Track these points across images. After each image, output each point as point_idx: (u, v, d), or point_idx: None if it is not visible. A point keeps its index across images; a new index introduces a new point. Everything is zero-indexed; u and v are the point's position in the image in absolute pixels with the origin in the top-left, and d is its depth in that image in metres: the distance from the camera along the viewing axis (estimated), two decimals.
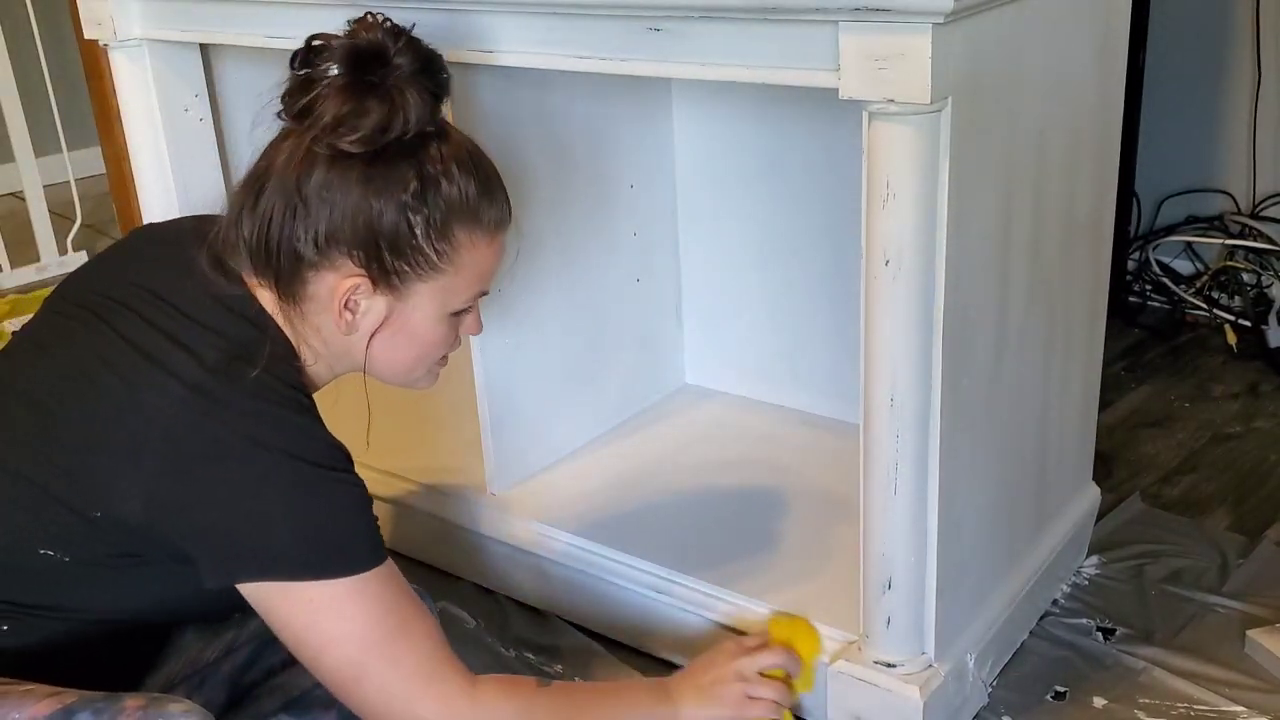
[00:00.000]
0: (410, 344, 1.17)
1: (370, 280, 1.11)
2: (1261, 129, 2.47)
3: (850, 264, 1.36)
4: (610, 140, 1.77)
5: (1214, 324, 2.48)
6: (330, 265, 1.10)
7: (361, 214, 1.08)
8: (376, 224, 1.09)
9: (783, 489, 1.70)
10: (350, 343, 1.16)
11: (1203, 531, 1.78)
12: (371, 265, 1.10)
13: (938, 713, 1.34)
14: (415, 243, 1.10)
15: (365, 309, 1.13)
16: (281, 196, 1.10)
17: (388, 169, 1.08)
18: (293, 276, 1.12)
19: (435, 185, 1.10)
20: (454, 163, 1.11)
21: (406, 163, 1.09)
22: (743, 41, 1.16)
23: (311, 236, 1.09)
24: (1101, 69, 1.43)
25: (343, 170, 1.08)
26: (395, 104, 1.07)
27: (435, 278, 1.13)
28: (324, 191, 1.08)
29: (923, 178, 1.12)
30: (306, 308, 1.13)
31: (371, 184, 1.08)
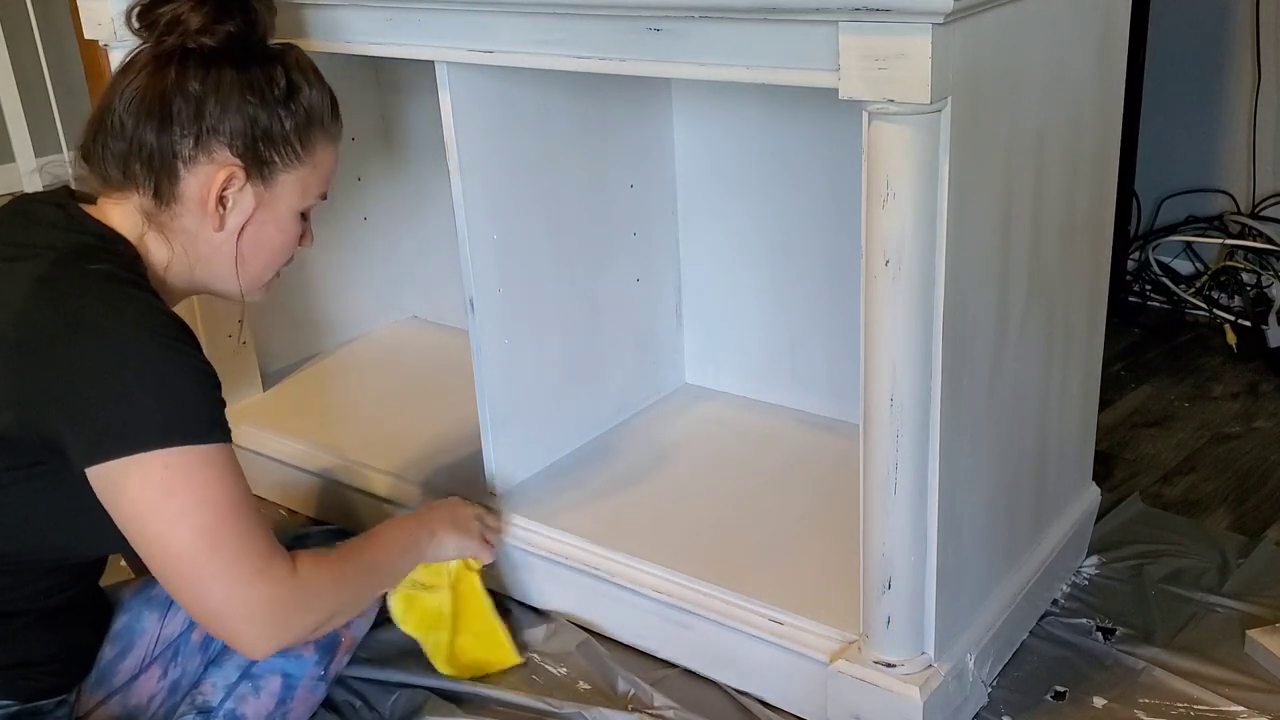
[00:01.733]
0: (271, 237, 1.28)
1: (245, 170, 1.23)
2: (1261, 129, 2.47)
3: (850, 264, 1.36)
4: (610, 140, 1.77)
5: (1214, 324, 2.48)
6: (208, 158, 1.21)
7: (239, 109, 1.21)
8: (253, 116, 1.22)
9: (783, 489, 1.70)
10: (213, 244, 1.25)
11: (1203, 531, 1.78)
12: (248, 154, 1.22)
13: (938, 713, 1.34)
14: (285, 134, 1.24)
15: (235, 203, 1.24)
16: (152, 104, 1.20)
17: (259, 70, 1.23)
18: (163, 180, 1.21)
19: (300, 88, 1.26)
20: (311, 72, 1.29)
21: (274, 66, 1.25)
22: (743, 41, 1.16)
23: (192, 132, 1.21)
24: (1101, 69, 1.43)
25: (217, 71, 1.21)
26: (252, 12, 1.23)
27: (298, 168, 1.27)
28: (200, 91, 1.20)
29: (923, 178, 1.12)
30: (175, 208, 1.23)
31: (247, 83, 1.22)
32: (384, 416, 1.99)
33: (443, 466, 1.80)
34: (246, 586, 1.15)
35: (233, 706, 1.34)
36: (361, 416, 2.00)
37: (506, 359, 1.68)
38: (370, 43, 1.50)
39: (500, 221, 1.62)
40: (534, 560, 1.63)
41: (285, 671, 1.37)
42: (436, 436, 1.90)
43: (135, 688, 1.34)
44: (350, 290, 2.29)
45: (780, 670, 1.43)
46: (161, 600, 1.37)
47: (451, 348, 2.19)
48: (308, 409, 2.04)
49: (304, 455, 1.90)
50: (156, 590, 1.37)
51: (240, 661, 1.36)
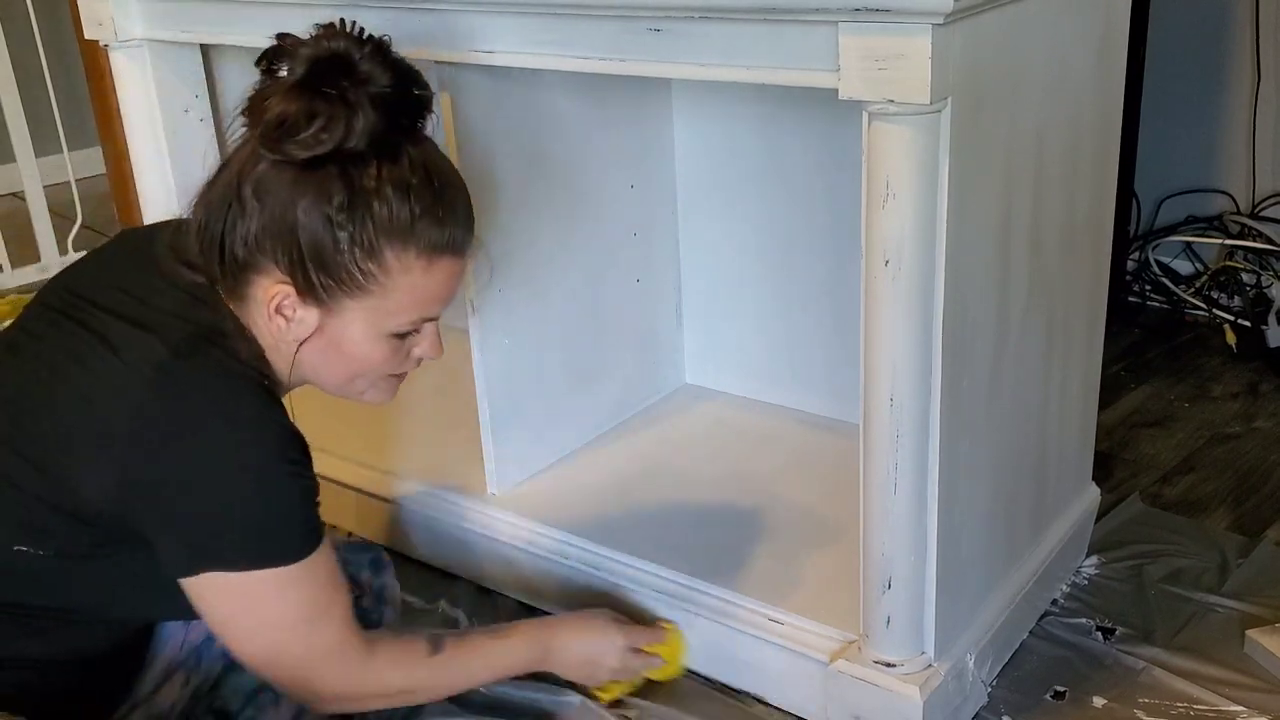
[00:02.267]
0: (342, 360, 1.14)
1: (295, 289, 1.08)
2: (1261, 129, 2.47)
3: (850, 264, 1.36)
4: (610, 140, 1.77)
5: (1214, 324, 2.48)
6: (262, 269, 1.09)
7: (286, 220, 1.06)
8: (300, 233, 1.06)
9: (782, 489, 1.70)
10: (288, 351, 1.14)
11: (1202, 531, 1.78)
12: (296, 275, 1.08)
13: (938, 712, 1.34)
14: (340, 259, 1.07)
15: (298, 318, 1.10)
16: (223, 191, 1.09)
17: (319, 178, 1.05)
18: (231, 276, 1.11)
19: (365, 201, 1.05)
20: (391, 182, 1.07)
21: (339, 174, 1.05)
22: (743, 41, 1.16)
23: (244, 236, 1.08)
24: (1101, 69, 1.43)
25: (278, 173, 1.05)
26: (341, 113, 1.04)
27: (363, 297, 1.09)
28: (258, 192, 1.06)
29: (923, 178, 1.12)
30: (249, 307, 1.12)
31: (299, 191, 1.05)
32: (384, 416, 1.98)
33: (443, 466, 1.80)
34: (308, 684, 1.18)
35: (252, 714, 1.33)
36: (361, 416, 2.00)
37: (506, 359, 1.68)
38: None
39: (500, 222, 1.62)
40: (533, 560, 1.63)
41: None
42: (436, 436, 1.90)
43: (158, 697, 1.31)
44: None
45: (780, 670, 1.43)
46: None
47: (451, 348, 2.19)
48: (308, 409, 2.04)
49: None
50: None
51: None
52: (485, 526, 1.68)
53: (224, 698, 1.34)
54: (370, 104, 1.05)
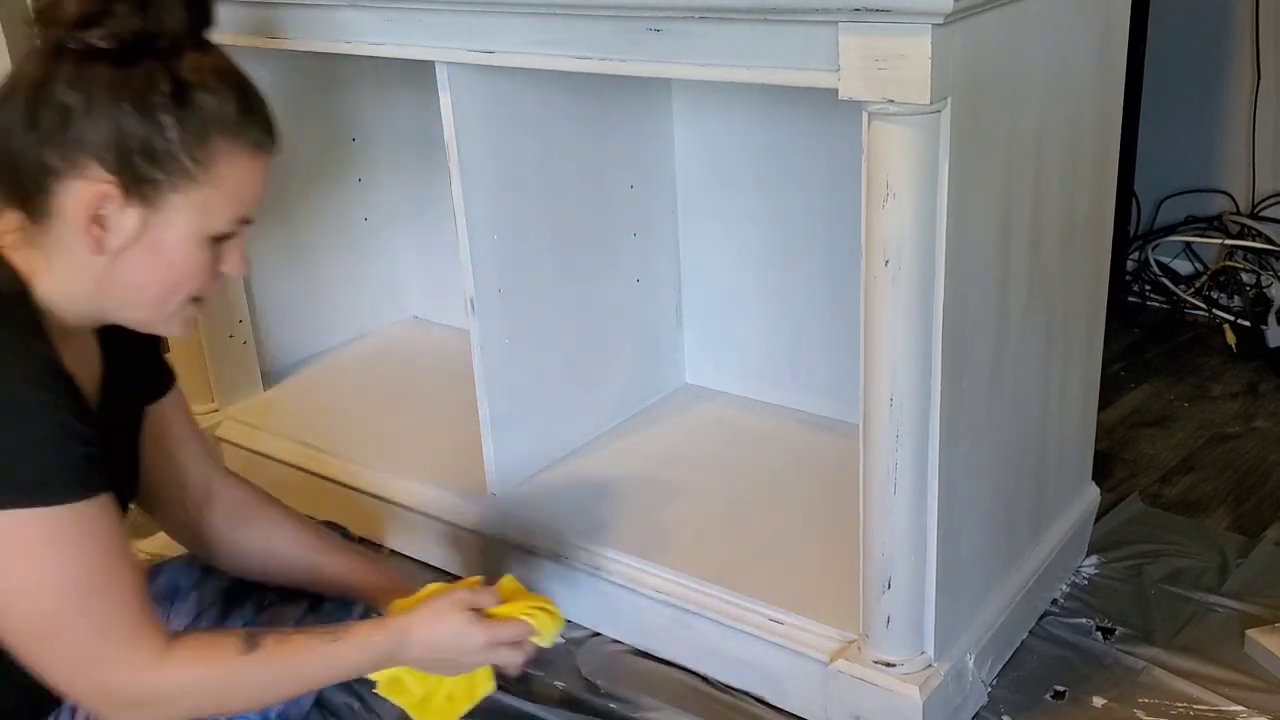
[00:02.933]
0: (163, 266, 1.07)
1: (121, 188, 1.03)
2: (1261, 129, 2.47)
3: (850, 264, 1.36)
4: (610, 140, 1.77)
5: (1213, 324, 2.48)
6: (78, 172, 1.02)
7: (111, 115, 1.01)
8: (128, 125, 1.01)
9: (782, 489, 1.70)
10: (99, 268, 1.06)
11: (1202, 531, 1.78)
12: (123, 171, 1.02)
13: (937, 712, 1.34)
14: (169, 148, 1.03)
15: (115, 225, 1.04)
16: (23, 104, 1.03)
17: (140, 70, 1.02)
18: (35, 192, 1.04)
19: (192, 91, 1.03)
20: (214, 73, 1.05)
21: (160, 66, 1.03)
22: (743, 41, 1.16)
23: (56, 142, 1.02)
24: (1101, 69, 1.43)
25: (91, 70, 1.01)
26: (147, 4, 1.02)
27: (191, 189, 1.04)
28: (71, 92, 1.02)
29: (923, 178, 1.12)
30: (52, 226, 1.05)
31: (123, 84, 1.01)
32: (384, 416, 1.98)
33: (443, 466, 1.80)
34: (92, 677, 1.03)
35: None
36: (362, 416, 2.00)
37: (506, 359, 1.68)
38: (370, 43, 1.50)
39: (500, 221, 1.62)
40: (534, 560, 1.63)
41: None
42: (436, 436, 1.90)
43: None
44: (351, 290, 2.29)
45: (780, 670, 1.43)
46: (163, 597, 1.33)
47: (451, 348, 2.19)
48: (308, 409, 2.04)
49: (304, 455, 1.90)
50: (157, 586, 1.34)
51: None
52: (485, 526, 1.68)
53: None
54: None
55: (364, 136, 2.22)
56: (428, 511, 1.75)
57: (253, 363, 2.07)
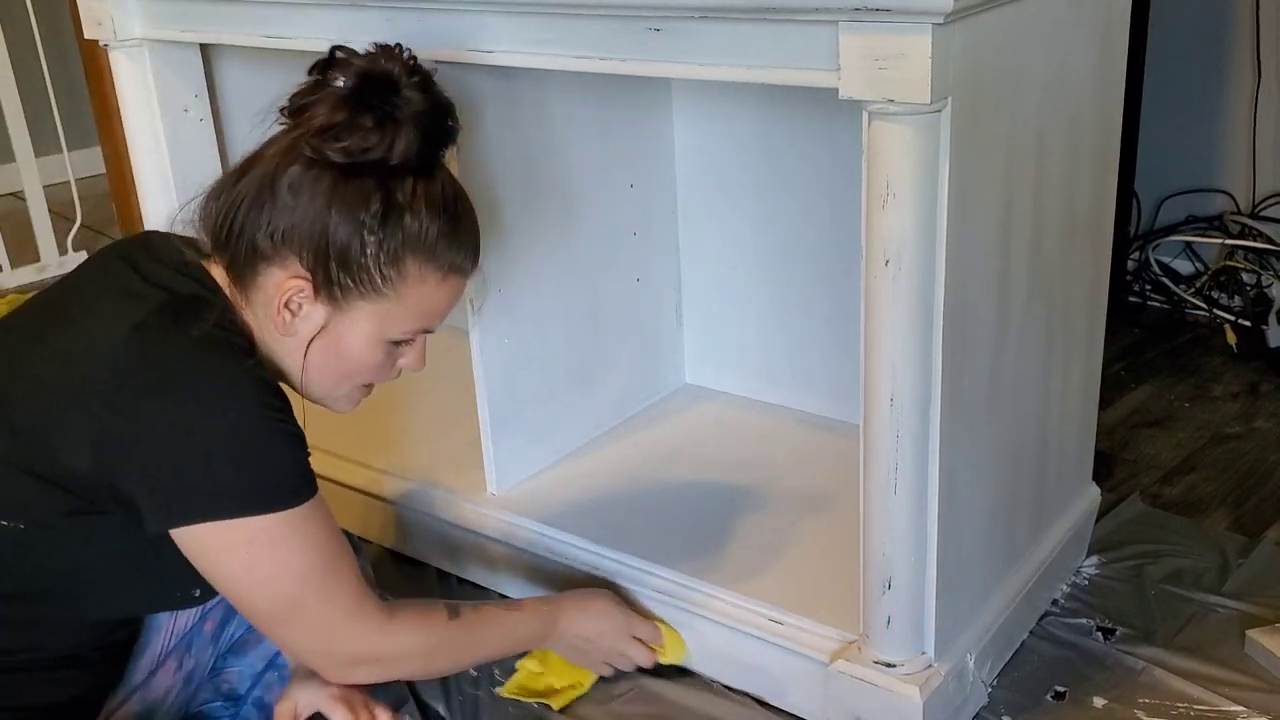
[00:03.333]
0: (341, 359, 1.19)
1: (313, 285, 1.14)
2: (1261, 129, 2.47)
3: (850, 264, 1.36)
4: (610, 140, 1.77)
5: (1214, 324, 2.48)
6: (280, 262, 1.14)
7: (319, 220, 1.12)
8: (331, 233, 1.12)
9: (782, 489, 1.70)
10: (287, 345, 1.18)
11: (1203, 531, 1.78)
12: (317, 271, 1.13)
13: (938, 713, 1.34)
14: (363, 261, 1.13)
15: (305, 314, 1.16)
16: (256, 184, 1.14)
17: (357, 185, 1.12)
18: (245, 264, 1.15)
19: (398, 214, 1.13)
20: (425, 200, 1.15)
21: (378, 185, 1.12)
22: (743, 41, 1.16)
23: (269, 229, 1.13)
24: (1101, 69, 1.43)
25: (316, 175, 1.12)
26: (386, 129, 1.11)
27: (377, 300, 1.16)
28: (293, 189, 1.12)
29: (923, 178, 1.12)
30: (254, 297, 1.17)
31: (337, 194, 1.12)
32: (384, 416, 1.98)
33: (443, 466, 1.80)
34: (330, 644, 1.19)
35: (260, 694, 1.37)
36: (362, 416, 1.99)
37: (506, 359, 1.67)
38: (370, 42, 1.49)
39: (500, 221, 1.62)
40: (533, 560, 1.63)
41: None
42: (436, 436, 1.90)
43: (153, 683, 1.34)
44: None
45: (780, 670, 1.43)
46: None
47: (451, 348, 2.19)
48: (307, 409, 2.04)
49: None
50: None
51: (265, 651, 1.38)
52: (485, 526, 1.68)
53: (230, 681, 1.37)
54: (412, 124, 1.12)
55: None
56: (428, 511, 1.75)
57: None
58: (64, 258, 3.22)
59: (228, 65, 1.97)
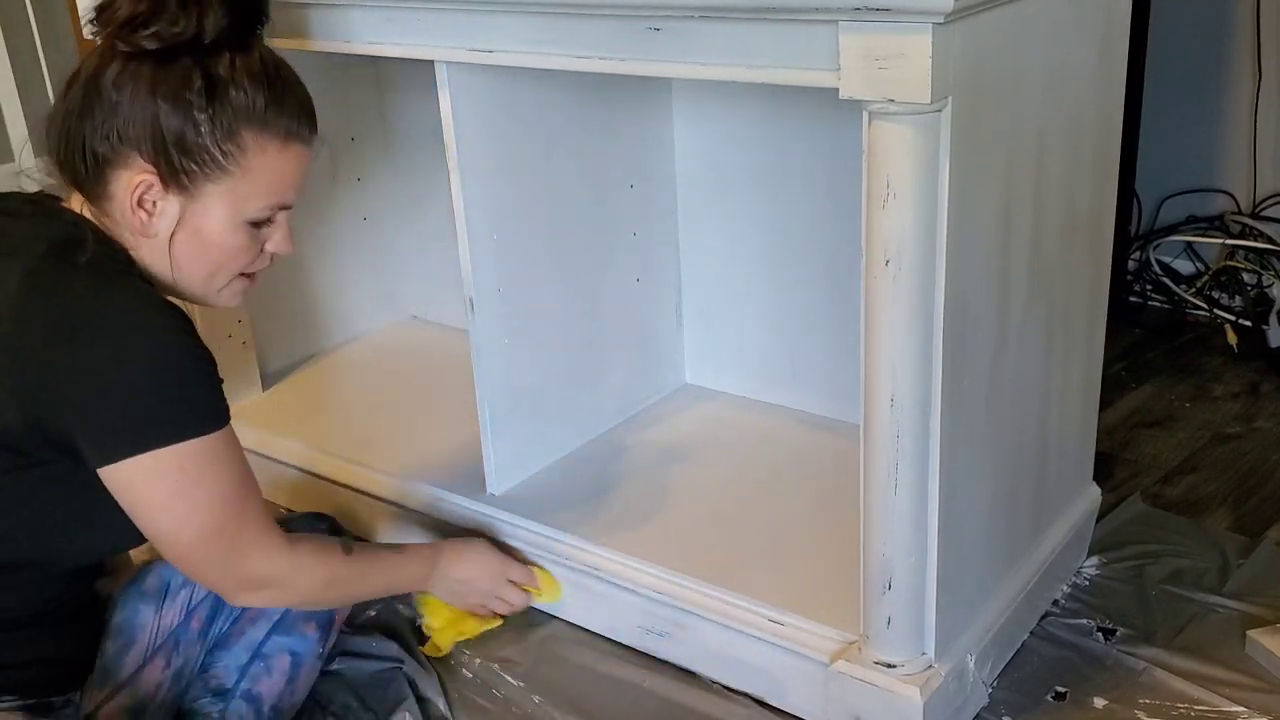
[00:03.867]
0: (205, 249, 1.20)
1: (160, 178, 1.15)
2: (1261, 129, 2.47)
3: (850, 264, 1.36)
4: (610, 140, 1.77)
5: (1214, 324, 2.47)
6: (123, 162, 1.15)
7: (148, 110, 1.13)
8: (162, 120, 1.13)
9: (782, 489, 1.70)
10: (151, 248, 1.19)
11: (1203, 531, 1.78)
12: (160, 162, 1.14)
13: (938, 713, 1.34)
14: (200, 141, 1.14)
15: (160, 210, 1.17)
16: (80, 93, 1.16)
17: (177, 69, 1.14)
18: (93, 177, 1.16)
19: (224, 89, 1.15)
20: (246, 72, 1.16)
21: (195, 65, 1.14)
22: (743, 41, 1.16)
23: (104, 132, 1.14)
24: (1102, 69, 1.43)
25: (134, 68, 1.13)
26: (192, 8, 1.13)
27: (223, 179, 1.17)
28: (116, 88, 1.14)
29: (923, 177, 1.12)
30: (110, 208, 1.18)
31: (159, 82, 1.13)
32: (384, 416, 1.98)
33: (443, 466, 1.80)
34: (238, 566, 1.22)
35: (248, 686, 1.38)
36: (361, 416, 2.00)
37: (506, 359, 1.67)
38: (370, 43, 1.50)
39: (500, 221, 1.62)
40: (534, 560, 1.63)
41: (292, 650, 1.41)
42: (436, 436, 1.90)
43: (141, 679, 1.35)
44: (350, 290, 2.29)
45: (780, 671, 1.43)
46: (155, 593, 1.39)
47: (451, 348, 2.19)
48: (307, 409, 2.04)
49: (304, 455, 1.90)
50: (148, 583, 1.39)
51: (249, 643, 1.40)
52: (485, 527, 1.68)
53: (218, 676, 1.39)
54: (217, 4, 1.15)
55: (363, 136, 2.22)
56: (428, 511, 1.75)
57: (252, 363, 2.07)
58: None
59: None
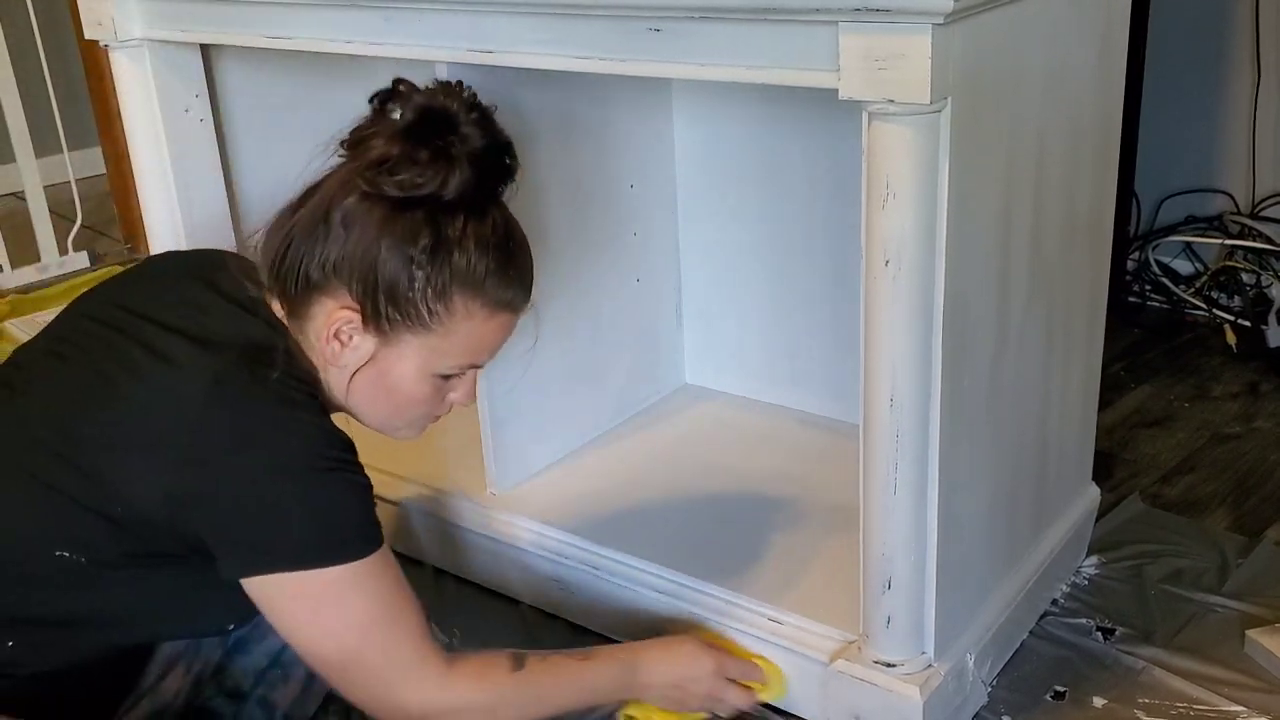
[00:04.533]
0: (389, 392, 1.21)
1: (362, 316, 1.15)
2: (1261, 129, 2.47)
3: (850, 264, 1.36)
4: (610, 140, 1.77)
5: (1214, 324, 2.48)
6: (331, 292, 1.15)
7: (370, 252, 1.13)
8: (380, 266, 1.13)
9: (782, 489, 1.70)
10: (337, 375, 1.20)
11: (1203, 531, 1.78)
12: (366, 303, 1.14)
13: (938, 712, 1.34)
14: (411, 295, 1.14)
15: (354, 344, 1.17)
16: (310, 215, 1.15)
17: (408, 219, 1.13)
18: (299, 295, 1.17)
19: (447, 250, 1.14)
20: (475, 237, 1.15)
21: (427, 220, 1.13)
22: (743, 41, 1.16)
23: (321, 259, 1.14)
24: (1101, 69, 1.43)
25: (369, 207, 1.13)
26: (441, 165, 1.12)
27: (424, 334, 1.17)
28: (345, 221, 1.13)
29: (923, 178, 1.12)
30: (306, 326, 1.18)
31: (388, 228, 1.12)
32: None
33: (443, 467, 1.80)
34: (385, 695, 1.17)
35: (264, 693, 1.37)
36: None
37: (506, 359, 1.67)
38: (370, 43, 1.50)
39: None
40: (533, 560, 1.63)
41: None
42: (436, 436, 1.90)
43: (162, 687, 1.35)
44: None
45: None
46: None
47: None
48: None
49: None
50: None
51: (269, 649, 1.39)
52: (485, 527, 1.68)
53: (234, 678, 1.38)
54: (467, 161, 1.13)
55: None
56: (428, 511, 1.75)
57: None
58: (64, 258, 3.22)
59: (228, 65, 1.97)
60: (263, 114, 2.05)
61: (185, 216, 1.89)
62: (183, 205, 1.88)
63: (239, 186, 2.04)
